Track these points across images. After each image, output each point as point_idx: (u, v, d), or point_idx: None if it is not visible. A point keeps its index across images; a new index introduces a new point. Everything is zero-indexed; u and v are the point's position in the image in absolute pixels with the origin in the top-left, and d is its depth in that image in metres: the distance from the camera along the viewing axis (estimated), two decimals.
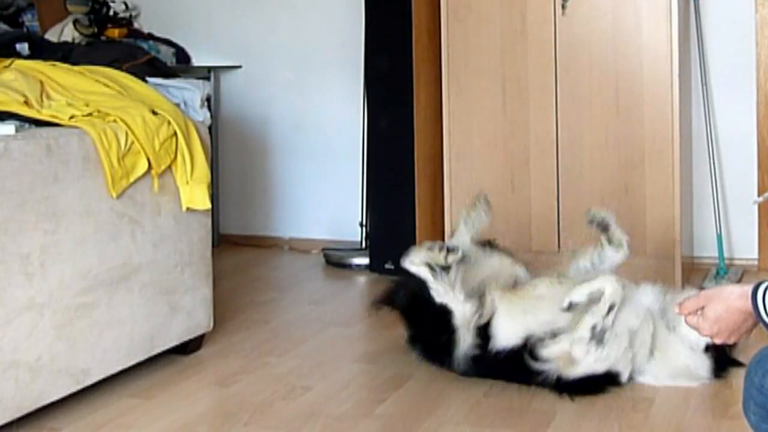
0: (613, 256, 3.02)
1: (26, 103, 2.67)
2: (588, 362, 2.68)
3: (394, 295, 3.04)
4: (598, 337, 2.67)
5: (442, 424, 2.53)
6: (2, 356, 2.37)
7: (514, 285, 2.98)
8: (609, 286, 2.70)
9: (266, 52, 5.03)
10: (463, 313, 2.79)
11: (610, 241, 3.02)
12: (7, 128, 2.44)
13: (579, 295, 2.72)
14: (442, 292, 2.81)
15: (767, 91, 4.19)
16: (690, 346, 2.74)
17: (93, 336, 2.65)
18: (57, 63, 3.10)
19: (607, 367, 2.71)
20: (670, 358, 2.78)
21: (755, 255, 4.25)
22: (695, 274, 4.11)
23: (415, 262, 2.85)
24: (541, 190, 4.00)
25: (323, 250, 4.68)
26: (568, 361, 2.68)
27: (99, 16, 4.84)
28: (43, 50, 3.87)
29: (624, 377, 2.75)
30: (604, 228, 3.02)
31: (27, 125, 2.59)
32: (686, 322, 1.77)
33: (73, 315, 2.57)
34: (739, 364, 2.76)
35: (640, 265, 3.35)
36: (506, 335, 2.78)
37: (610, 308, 2.68)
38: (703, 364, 2.75)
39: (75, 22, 4.75)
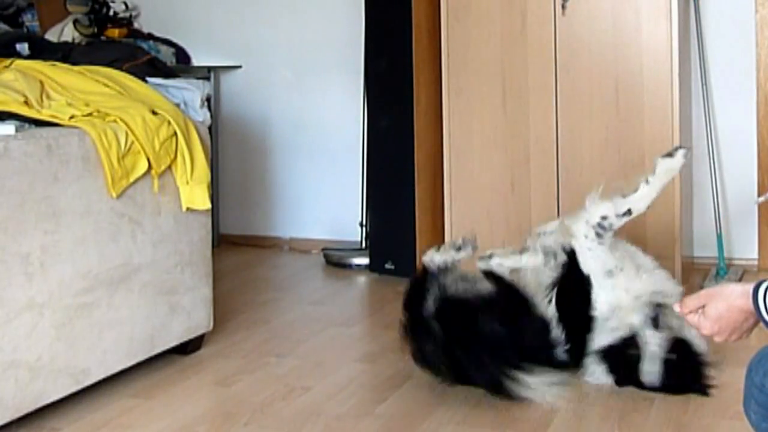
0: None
1: (26, 103, 2.67)
2: (582, 242, 2.76)
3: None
4: (601, 227, 2.74)
5: (442, 424, 2.53)
6: (2, 356, 2.36)
7: None
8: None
9: (266, 52, 5.03)
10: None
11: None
12: (7, 128, 2.44)
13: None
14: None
15: (767, 91, 4.19)
16: None
17: (93, 336, 2.65)
18: (57, 63, 3.10)
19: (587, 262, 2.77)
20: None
21: (755, 255, 4.25)
22: (695, 274, 4.11)
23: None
24: (541, 190, 4.00)
25: (323, 250, 4.68)
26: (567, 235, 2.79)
27: (99, 16, 4.85)
28: (43, 50, 3.87)
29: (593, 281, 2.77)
30: None
31: (27, 125, 2.59)
32: (687, 320, 1.77)
33: (73, 315, 2.57)
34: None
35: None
36: None
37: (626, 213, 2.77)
38: None
39: (75, 22, 4.75)
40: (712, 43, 4.23)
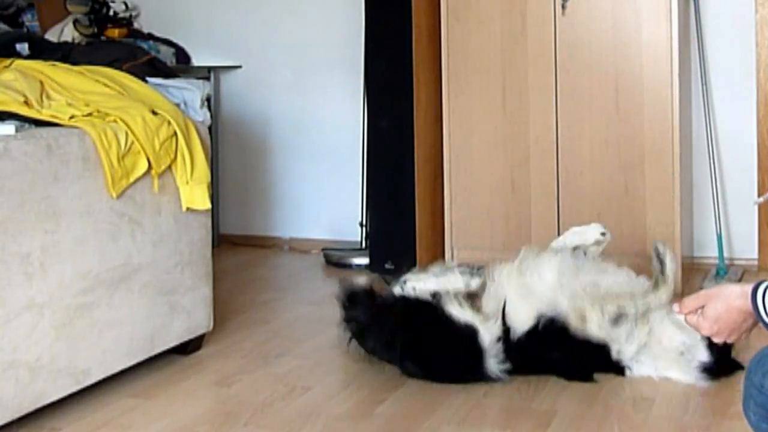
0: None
1: (26, 103, 2.67)
2: (593, 326, 2.78)
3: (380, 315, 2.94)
4: (615, 317, 2.78)
5: (442, 424, 2.53)
6: (2, 356, 2.37)
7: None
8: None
9: (266, 52, 5.04)
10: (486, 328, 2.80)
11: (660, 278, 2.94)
12: (7, 128, 2.44)
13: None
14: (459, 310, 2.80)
15: (767, 91, 4.19)
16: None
17: (93, 336, 2.65)
18: (57, 63, 3.10)
19: (603, 338, 2.80)
20: (665, 342, 2.79)
21: (755, 255, 4.25)
22: (695, 274, 4.11)
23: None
24: (541, 190, 4.00)
25: (323, 250, 4.68)
26: (580, 318, 2.79)
27: (99, 16, 4.85)
28: (43, 50, 3.87)
29: (613, 353, 2.80)
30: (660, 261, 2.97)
31: (27, 125, 2.59)
32: (686, 321, 1.77)
33: (73, 315, 2.57)
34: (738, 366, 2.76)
35: (640, 265, 3.34)
36: (521, 319, 2.82)
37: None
38: (699, 344, 2.75)
39: (75, 22, 4.75)
40: (712, 43, 4.23)
